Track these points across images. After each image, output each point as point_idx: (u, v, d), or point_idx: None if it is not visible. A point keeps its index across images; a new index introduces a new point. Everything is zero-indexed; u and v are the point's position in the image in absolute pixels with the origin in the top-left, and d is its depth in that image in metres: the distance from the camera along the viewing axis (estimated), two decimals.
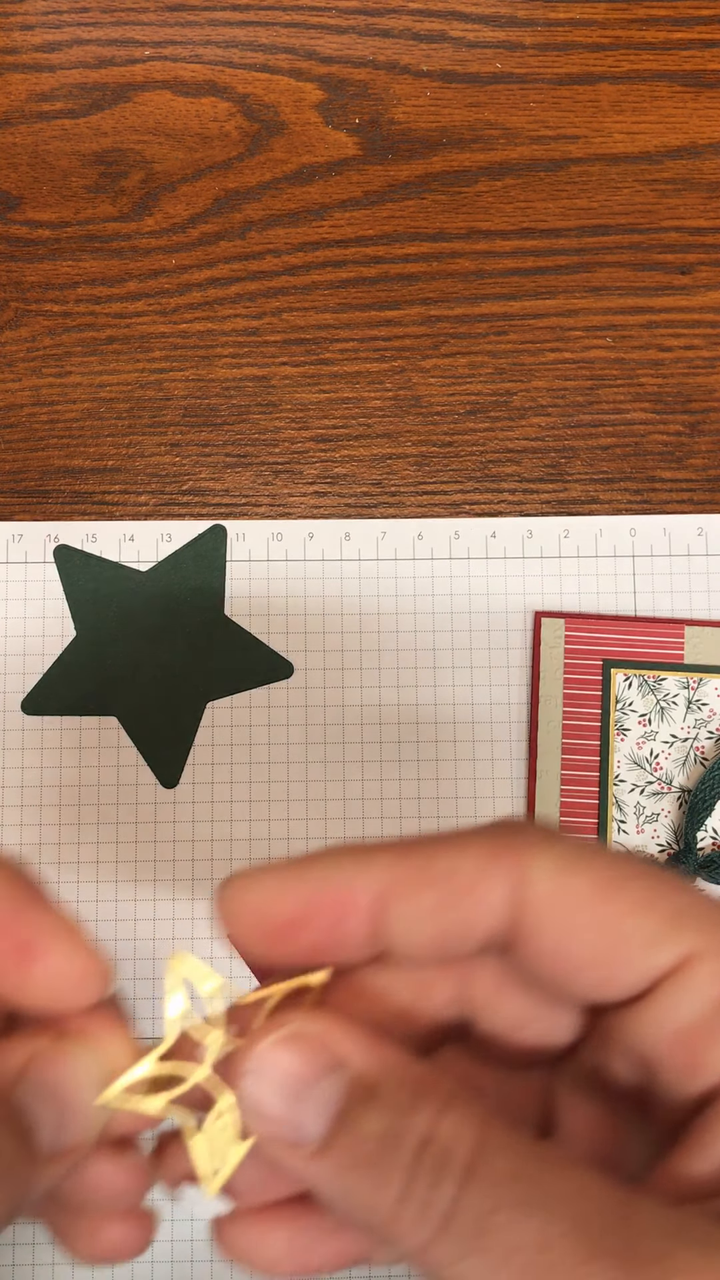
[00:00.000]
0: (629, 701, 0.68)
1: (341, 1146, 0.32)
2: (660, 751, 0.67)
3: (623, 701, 0.68)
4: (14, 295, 0.73)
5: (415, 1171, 0.31)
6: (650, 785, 0.67)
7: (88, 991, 0.36)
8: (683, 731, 0.68)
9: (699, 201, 0.74)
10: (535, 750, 0.67)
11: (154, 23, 0.75)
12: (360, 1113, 0.32)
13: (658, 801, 0.67)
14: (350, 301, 0.73)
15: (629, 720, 0.68)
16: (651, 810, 0.67)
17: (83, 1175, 0.36)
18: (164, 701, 0.68)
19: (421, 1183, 0.31)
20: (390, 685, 0.68)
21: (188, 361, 0.72)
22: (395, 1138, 0.32)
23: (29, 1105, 0.34)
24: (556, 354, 0.73)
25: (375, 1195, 0.31)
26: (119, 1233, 0.37)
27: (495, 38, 0.75)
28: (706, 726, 0.68)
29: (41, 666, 0.68)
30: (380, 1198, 0.31)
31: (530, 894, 0.34)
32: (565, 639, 0.68)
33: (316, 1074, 0.33)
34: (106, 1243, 0.37)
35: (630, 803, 0.67)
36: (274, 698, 0.68)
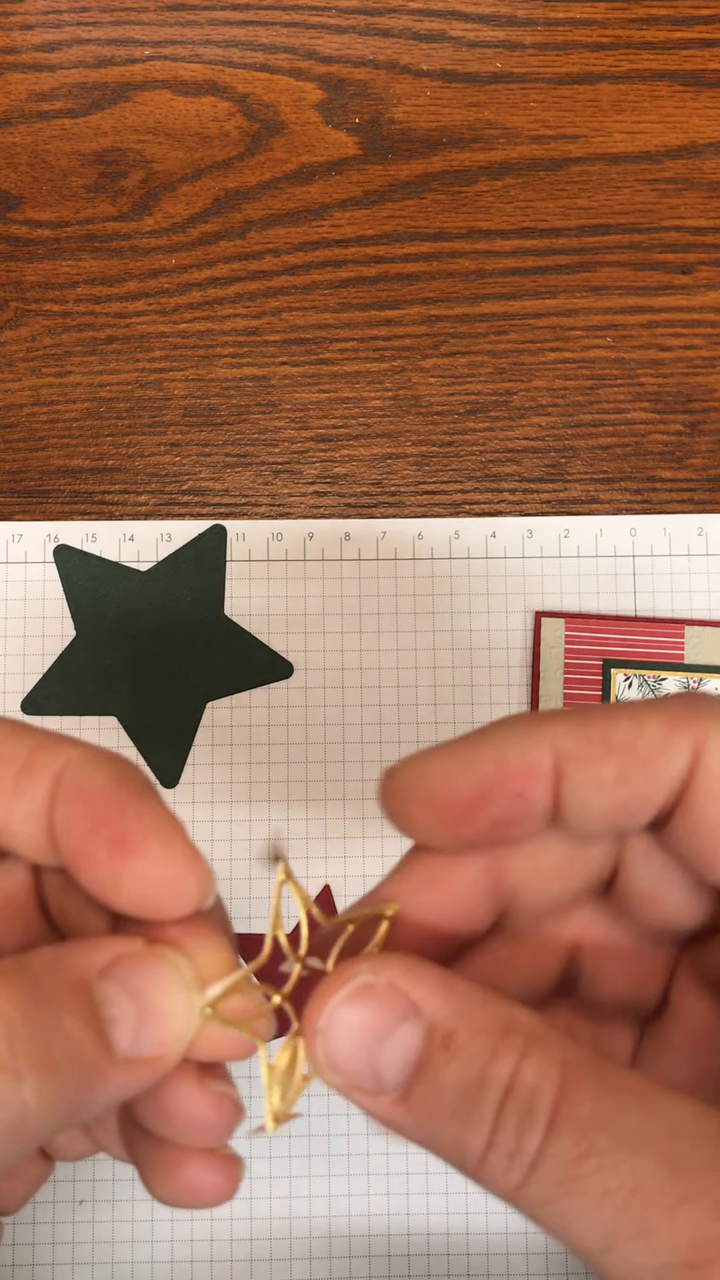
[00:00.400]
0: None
1: (423, 1096, 0.32)
2: None
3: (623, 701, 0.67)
4: (14, 295, 0.73)
5: (500, 1121, 0.31)
6: None
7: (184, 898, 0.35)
8: None
9: (699, 201, 0.74)
10: None
11: (154, 22, 0.75)
12: (439, 1063, 0.32)
13: None
14: (350, 301, 0.73)
15: None
16: None
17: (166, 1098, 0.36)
18: (164, 701, 0.68)
19: (507, 1131, 0.31)
20: (390, 685, 0.68)
21: (188, 361, 0.72)
22: (477, 1088, 0.31)
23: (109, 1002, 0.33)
24: (557, 354, 0.72)
25: (461, 1143, 0.32)
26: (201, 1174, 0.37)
27: (495, 37, 0.75)
28: None
29: (41, 666, 0.68)
30: (466, 1145, 0.32)
31: (708, 764, 0.34)
32: (565, 639, 0.68)
33: (390, 1025, 0.33)
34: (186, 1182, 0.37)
35: None
36: (274, 698, 0.68)
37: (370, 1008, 0.33)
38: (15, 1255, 0.64)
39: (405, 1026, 0.32)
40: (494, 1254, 0.63)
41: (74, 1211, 0.64)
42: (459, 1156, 0.32)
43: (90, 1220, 0.64)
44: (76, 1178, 0.64)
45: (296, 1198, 0.64)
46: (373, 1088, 0.33)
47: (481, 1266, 0.63)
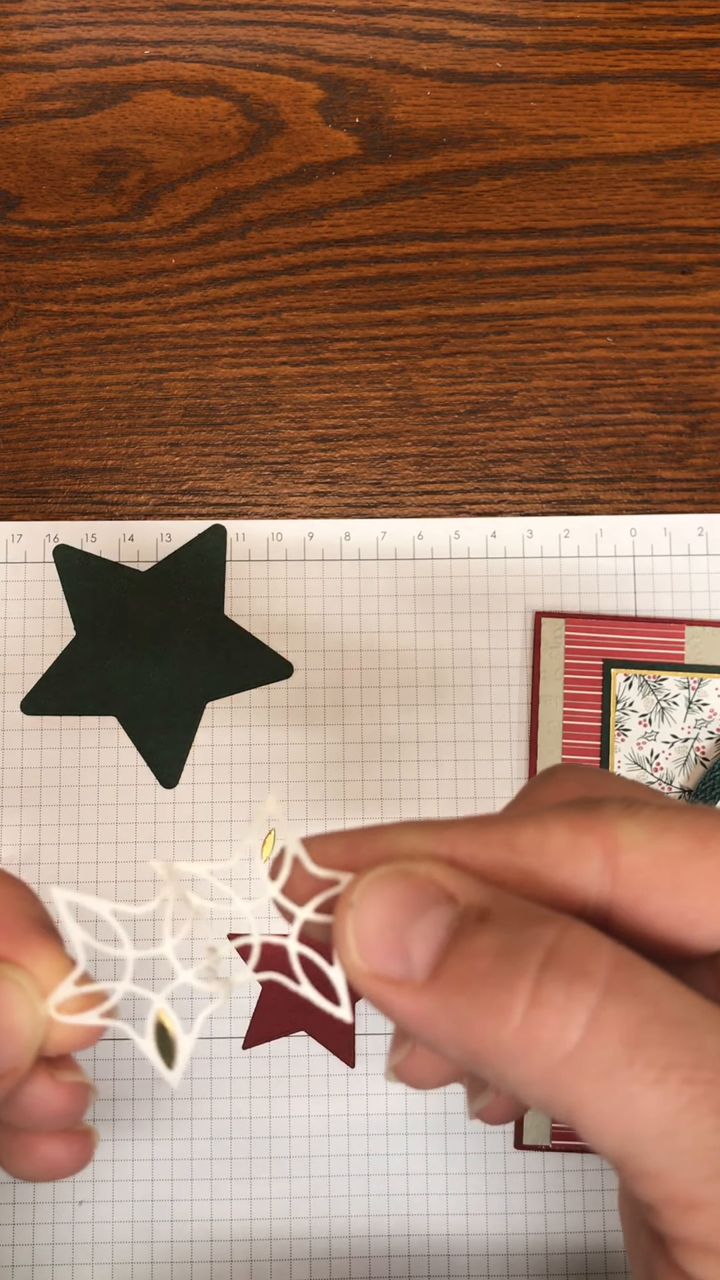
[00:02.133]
0: (629, 701, 0.67)
1: (454, 968, 0.30)
2: (661, 752, 0.67)
3: (623, 701, 0.67)
4: (14, 295, 0.73)
5: (544, 977, 0.29)
6: (651, 785, 0.66)
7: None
8: (683, 731, 0.67)
9: (699, 201, 0.74)
10: (535, 750, 0.67)
11: (154, 22, 0.75)
12: (473, 932, 0.30)
13: None
14: (350, 301, 0.73)
15: (629, 720, 0.67)
16: None
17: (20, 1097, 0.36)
18: (163, 702, 0.68)
19: (555, 986, 0.29)
20: (390, 685, 0.68)
21: (187, 361, 0.72)
22: (517, 949, 0.30)
23: None
24: (557, 353, 0.72)
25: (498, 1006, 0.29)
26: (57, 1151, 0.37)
27: (495, 37, 0.75)
28: (707, 726, 0.67)
29: (41, 666, 0.68)
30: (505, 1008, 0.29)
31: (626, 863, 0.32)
32: (565, 639, 0.68)
33: (423, 905, 0.31)
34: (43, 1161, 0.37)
35: None
36: (274, 698, 0.68)
37: (405, 885, 0.32)
38: (15, 1255, 0.63)
39: (439, 908, 0.31)
40: (494, 1254, 0.63)
41: (74, 1211, 0.64)
42: (495, 1028, 0.29)
43: (90, 1220, 0.64)
44: (76, 1178, 0.64)
45: (296, 1198, 0.64)
46: (399, 972, 0.31)
47: (481, 1267, 0.63)
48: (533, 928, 0.30)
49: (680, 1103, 0.27)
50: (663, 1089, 0.27)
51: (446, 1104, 0.65)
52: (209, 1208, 0.64)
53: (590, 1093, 0.28)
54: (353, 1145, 0.65)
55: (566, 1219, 0.64)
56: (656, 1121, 0.28)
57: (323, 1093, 0.65)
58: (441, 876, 0.32)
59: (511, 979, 0.29)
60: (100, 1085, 0.65)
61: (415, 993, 0.30)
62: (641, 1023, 0.28)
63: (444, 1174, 0.64)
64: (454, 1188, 0.64)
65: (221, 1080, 0.65)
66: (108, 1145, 0.64)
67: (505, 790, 0.67)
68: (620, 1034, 0.28)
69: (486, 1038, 0.29)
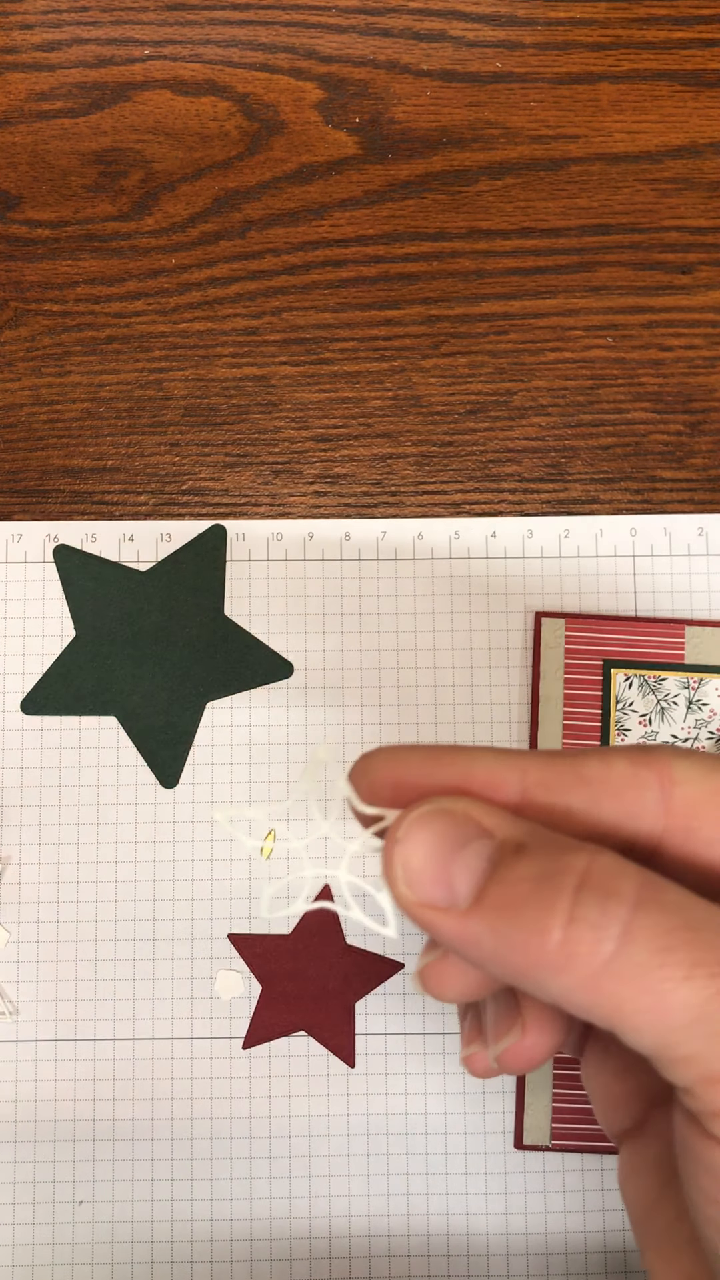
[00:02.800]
0: (629, 702, 0.67)
1: (496, 894, 0.34)
2: None
3: (623, 702, 0.67)
4: (14, 295, 0.73)
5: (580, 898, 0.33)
6: None
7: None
8: (683, 732, 0.67)
9: (699, 201, 0.73)
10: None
11: (154, 22, 0.75)
12: (512, 862, 0.34)
13: None
14: (350, 301, 0.72)
15: (629, 720, 0.67)
16: None
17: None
18: (163, 702, 0.68)
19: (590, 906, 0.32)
20: (390, 685, 0.68)
21: (187, 361, 0.72)
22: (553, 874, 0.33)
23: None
24: (557, 354, 0.72)
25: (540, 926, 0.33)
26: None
27: (495, 37, 0.75)
28: (707, 727, 0.67)
29: (41, 667, 0.68)
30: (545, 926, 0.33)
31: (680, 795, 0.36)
32: (565, 639, 0.68)
33: (464, 839, 0.35)
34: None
35: None
36: (274, 698, 0.68)
37: (447, 821, 0.35)
38: (15, 1256, 0.63)
39: (479, 841, 0.35)
40: (494, 1255, 0.63)
41: (74, 1212, 0.63)
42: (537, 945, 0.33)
43: (90, 1220, 0.63)
44: (76, 1178, 0.64)
45: (296, 1198, 0.64)
46: (444, 900, 0.35)
47: (481, 1267, 0.63)
48: (566, 855, 0.34)
49: (708, 994, 0.31)
50: (691, 984, 0.31)
51: (447, 1105, 0.65)
52: (209, 1208, 0.64)
53: (628, 994, 0.32)
54: (353, 1145, 0.64)
55: (566, 1219, 0.64)
56: (687, 1012, 0.32)
57: (323, 1093, 0.65)
58: (479, 813, 0.36)
59: (551, 900, 0.33)
60: (100, 1086, 0.65)
61: (461, 918, 0.34)
62: (669, 930, 0.32)
63: (444, 1174, 0.64)
64: (454, 1188, 0.64)
65: (221, 1080, 0.65)
66: (107, 1145, 0.64)
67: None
68: (650, 941, 0.32)
69: (530, 954, 0.33)
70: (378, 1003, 0.66)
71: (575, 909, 0.32)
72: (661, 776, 0.36)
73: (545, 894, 0.33)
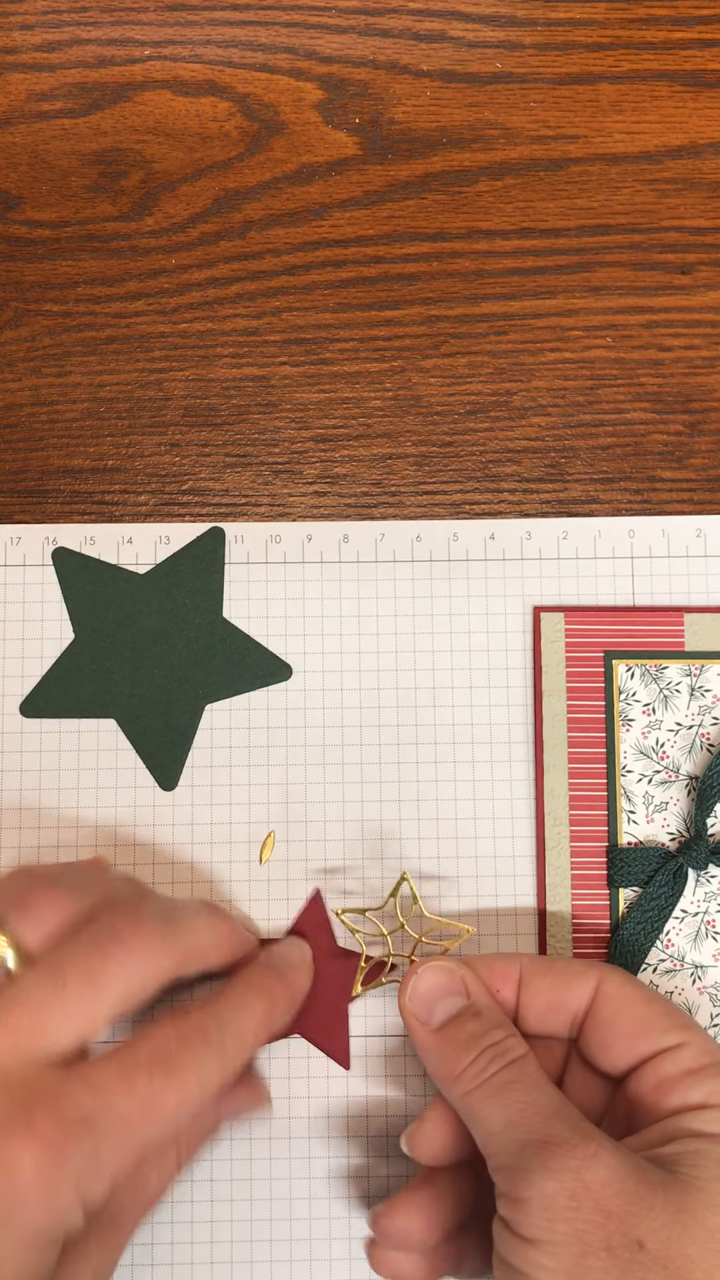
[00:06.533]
0: (632, 692, 0.67)
1: (449, 1031, 0.56)
2: (666, 740, 0.67)
3: (626, 692, 0.67)
4: (14, 295, 0.71)
5: (482, 1053, 0.55)
6: (658, 774, 0.66)
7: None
8: (687, 719, 0.67)
9: (699, 201, 0.72)
10: (541, 744, 0.66)
11: (154, 22, 0.74)
12: (468, 1018, 0.56)
13: (666, 790, 0.66)
14: (350, 301, 0.71)
15: (633, 710, 0.67)
16: (660, 799, 0.66)
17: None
18: (163, 704, 0.67)
19: (485, 1059, 0.54)
20: (389, 687, 0.67)
21: (188, 361, 0.71)
22: (479, 1036, 0.55)
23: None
24: (556, 354, 0.71)
25: (455, 1061, 0.55)
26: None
27: (495, 37, 0.74)
28: (711, 712, 0.67)
29: (40, 669, 0.67)
30: (459, 1062, 0.55)
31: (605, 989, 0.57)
32: (565, 633, 0.67)
33: (451, 990, 0.57)
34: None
35: (639, 793, 0.66)
36: (273, 700, 0.67)
37: (445, 976, 0.58)
38: None
39: (457, 996, 0.57)
40: None
41: None
42: (450, 1069, 0.55)
43: None
44: None
45: (296, 1199, 0.63)
46: (424, 1017, 0.57)
47: None
48: (493, 1030, 0.56)
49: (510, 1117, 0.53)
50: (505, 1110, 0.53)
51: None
52: (209, 1209, 0.63)
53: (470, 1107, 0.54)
54: (352, 1148, 0.63)
55: None
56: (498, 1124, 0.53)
57: (323, 1094, 0.64)
58: (467, 979, 0.58)
59: (470, 1049, 0.55)
60: None
61: (426, 1033, 0.57)
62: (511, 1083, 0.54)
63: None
64: None
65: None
66: None
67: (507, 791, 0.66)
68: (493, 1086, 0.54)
69: (446, 1069, 0.55)
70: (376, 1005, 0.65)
71: (475, 1059, 0.55)
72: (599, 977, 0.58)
73: (469, 1045, 0.55)
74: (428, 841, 0.65)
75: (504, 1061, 0.54)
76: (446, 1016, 0.56)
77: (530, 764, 0.66)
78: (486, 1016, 0.56)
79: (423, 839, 0.65)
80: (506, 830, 0.65)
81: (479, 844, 0.65)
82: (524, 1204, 0.49)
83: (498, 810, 0.66)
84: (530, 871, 0.65)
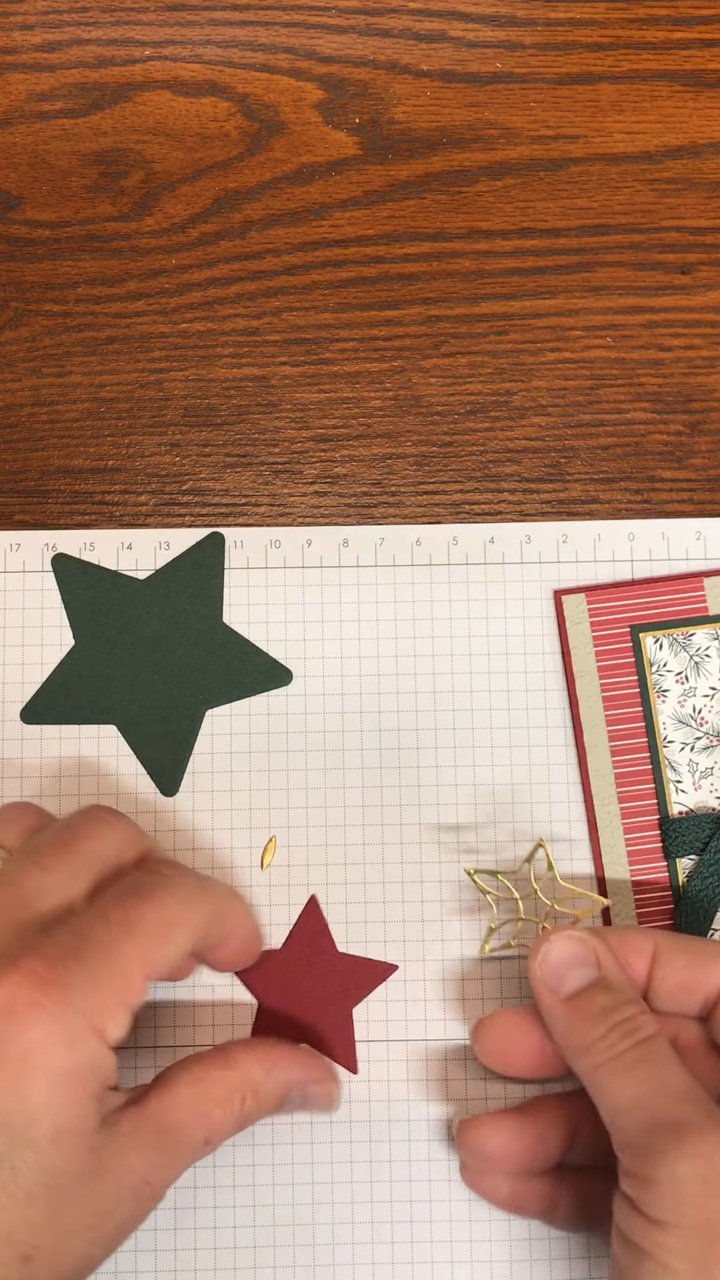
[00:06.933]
0: (663, 662, 0.67)
1: (580, 1001, 0.56)
2: (703, 706, 0.67)
3: (657, 663, 0.67)
4: (14, 295, 0.71)
5: (613, 1028, 0.54)
6: (699, 740, 0.67)
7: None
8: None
9: (699, 201, 0.72)
10: (580, 727, 0.66)
11: (154, 23, 0.73)
12: (598, 990, 0.56)
13: (710, 755, 0.66)
14: (350, 301, 0.71)
15: (666, 681, 0.67)
16: (705, 765, 0.66)
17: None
18: (163, 710, 0.66)
19: (615, 1034, 0.54)
20: (390, 691, 0.67)
21: (188, 361, 0.70)
22: (612, 1009, 0.55)
23: None
24: (556, 354, 0.71)
25: (586, 1032, 0.55)
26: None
27: (495, 37, 0.73)
28: None
29: (40, 676, 0.66)
30: (589, 1034, 0.54)
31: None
32: (589, 612, 0.67)
33: (583, 961, 0.57)
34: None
35: (683, 761, 0.66)
36: (273, 705, 0.66)
37: (579, 946, 0.57)
38: None
39: (589, 968, 0.57)
40: (497, 1261, 0.62)
41: None
42: (578, 1040, 0.55)
43: None
44: None
45: (300, 1205, 0.63)
46: (554, 986, 0.56)
47: (485, 1274, 0.62)
48: (624, 1005, 0.55)
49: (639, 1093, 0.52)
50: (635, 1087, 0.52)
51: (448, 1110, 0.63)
52: (212, 1215, 0.62)
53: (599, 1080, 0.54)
54: (355, 1152, 0.63)
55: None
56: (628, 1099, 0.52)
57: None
58: (600, 951, 0.57)
59: (600, 1022, 0.55)
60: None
61: (555, 1001, 0.56)
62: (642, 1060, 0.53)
63: (447, 1180, 0.63)
64: (457, 1194, 0.63)
65: None
66: None
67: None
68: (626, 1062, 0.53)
69: (574, 1039, 0.55)
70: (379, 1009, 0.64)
71: (607, 1034, 0.54)
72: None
73: (600, 1017, 0.55)
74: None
75: (635, 1039, 0.53)
76: (577, 987, 0.56)
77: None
78: (618, 990, 0.56)
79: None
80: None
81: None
82: (653, 1185, 0.49)
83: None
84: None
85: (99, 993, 0.50)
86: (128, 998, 0.51)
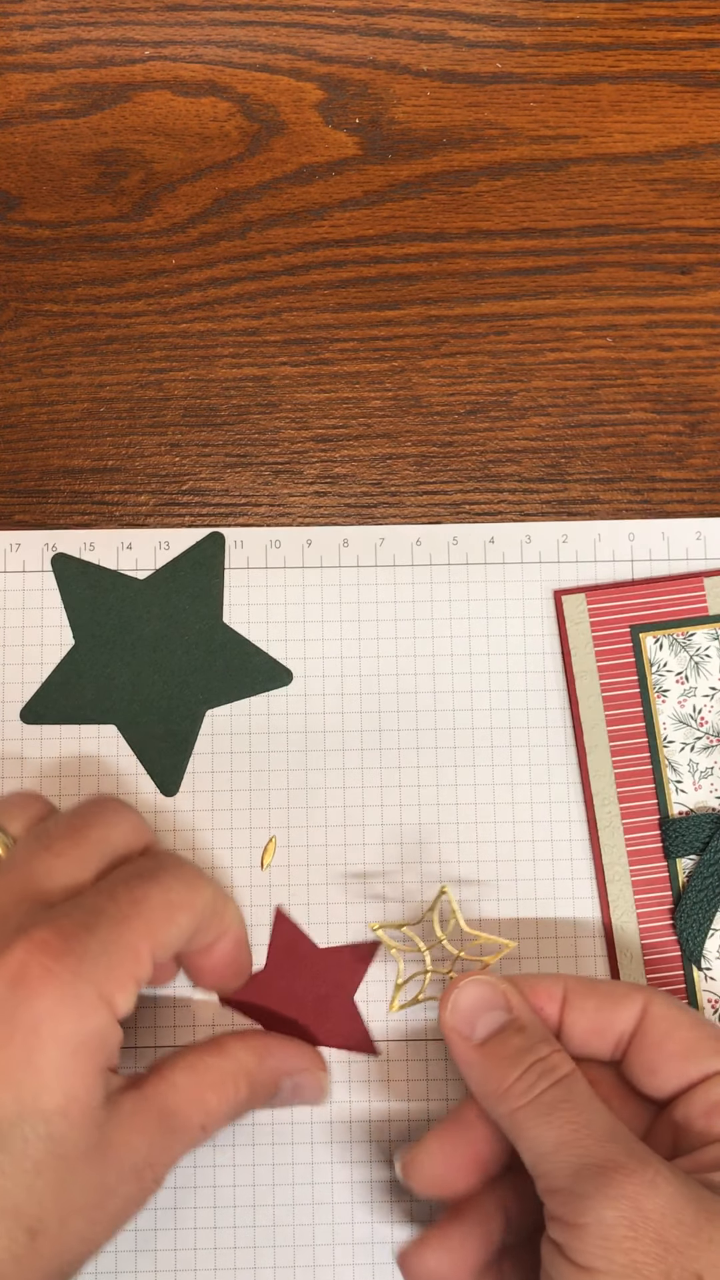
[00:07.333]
0: (663, 662, 0.67)
1: (493, 1046, 0.55)
2: (703, 706, 0.66)
3: (656, 663, 0.67)
4: (14, 295, 0.71)
5: (529, 1069, 0.53)
6: (699, 740, 0.66)
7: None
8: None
9: (699, 201, 0.72)
10: (580, 727, 0.66)
11: (154, 23, 0.73)
12: (511, 1033, 0.55)
13: (710, 755, 0.66)
14: (350, 301, 0.71)
15: (666, 681, 0.67)
16: (705, 765, 0.66)
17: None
18: (163, 710, 0.66)
19: (532, 1075, 0.53)
20: (390, 691, 0.66)
21: (188, 361, 0.70)
22: (526, 1051, 0.54)
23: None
24: (556, 354, 0.70)
25: (501, 1077, 0.54)
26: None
27: (495, 37, 0.73)
28: None
29: (40, 676, 0.66)
30: (504, 1078, 0.54)
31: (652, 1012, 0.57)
32: (589, 612, 0.67)
33: (494, 1004, 0.56)
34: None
35: (683, 761, 0.66)
36: (274, 705, 0.66)
37: (488, 990, 0.57)
38: None
39: (500, 1010, 0.56)
40: None
41: None
42: (495, 1085, 0.54)
43: None
44: None
45: (300, 1205, 0.62)
46: (467, 1032, 0.56)
47: None
48: (539, 1045, 0.55)
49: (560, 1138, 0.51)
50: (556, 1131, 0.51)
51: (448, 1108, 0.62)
52: (212, 1215, 0.62)
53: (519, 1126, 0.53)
54: (355, 1151, 0.63)
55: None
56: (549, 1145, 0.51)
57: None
58: (510, 994, 0.57)
59: (515, 1065, 0.54)
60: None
61: (469, 1048, 0.56)
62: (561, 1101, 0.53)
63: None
64: None
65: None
66: None
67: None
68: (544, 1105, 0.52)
69: (491, 1085, 0.54)
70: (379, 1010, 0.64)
71: (522, 1075, 0.53)
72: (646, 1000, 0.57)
73: (514, 1060, 0.54)
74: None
75: (552, 1079, 0.53)
76: (489, 1031, 0.55)
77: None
78: (531, 1031, 0.55)
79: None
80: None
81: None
82: (580, 1230, 0.48)
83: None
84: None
85: (109, 964, 0.50)
86: (136, 971, 0.51)
